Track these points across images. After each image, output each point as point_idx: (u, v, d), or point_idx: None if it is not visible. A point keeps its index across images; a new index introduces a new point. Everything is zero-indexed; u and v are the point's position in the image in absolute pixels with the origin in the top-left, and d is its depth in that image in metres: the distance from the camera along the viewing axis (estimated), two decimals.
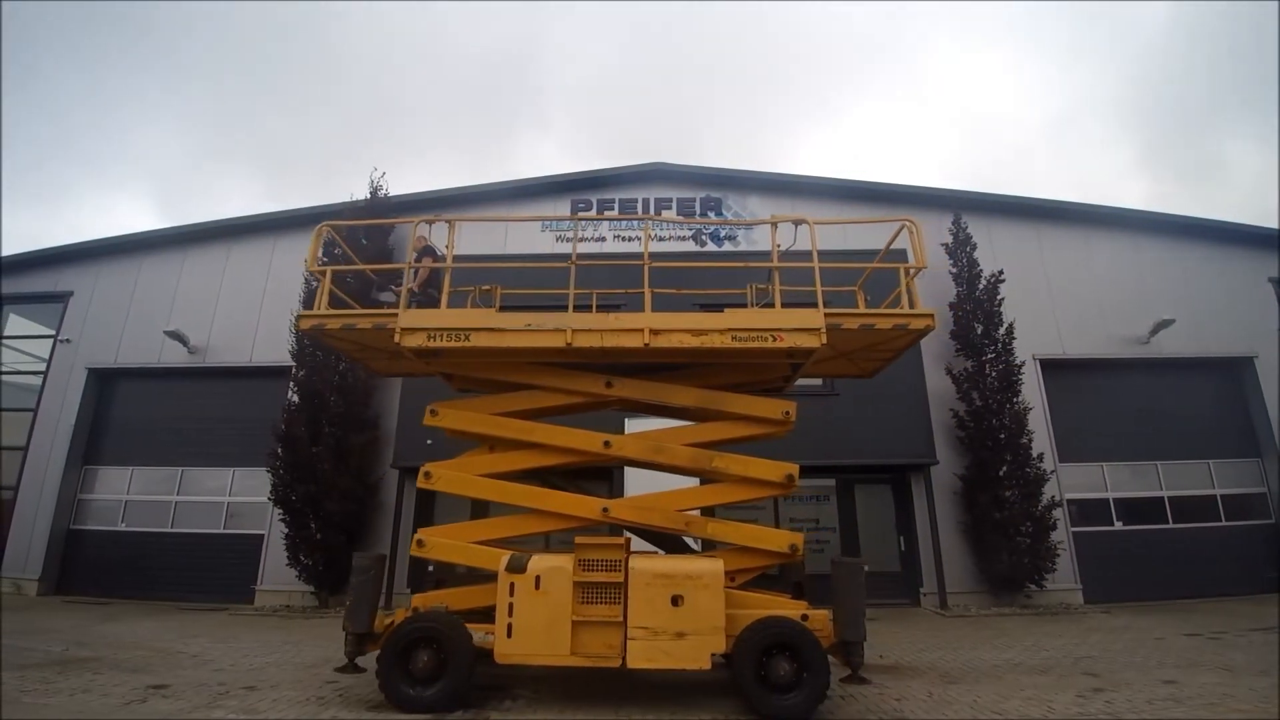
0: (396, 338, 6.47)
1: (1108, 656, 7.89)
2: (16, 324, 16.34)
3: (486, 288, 8.55)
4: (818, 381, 13.18)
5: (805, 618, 5.89)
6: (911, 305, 6.64)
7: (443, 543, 6.64)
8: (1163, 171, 67.07)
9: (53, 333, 15.61)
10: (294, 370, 13.13)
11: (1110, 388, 13.86)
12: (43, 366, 15.38)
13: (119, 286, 15.67)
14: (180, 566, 13.44)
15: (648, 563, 6.00)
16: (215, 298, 15.06)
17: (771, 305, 6.63)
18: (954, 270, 13.65)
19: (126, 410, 15.09)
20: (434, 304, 7.18)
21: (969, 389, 12.74)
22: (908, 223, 6.75)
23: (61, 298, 15.79)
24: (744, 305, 7.81)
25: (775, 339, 6.25)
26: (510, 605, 5.83)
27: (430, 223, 7.80)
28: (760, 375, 7.28)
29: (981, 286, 13.32)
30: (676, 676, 6.53)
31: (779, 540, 6.48)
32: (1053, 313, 13.97)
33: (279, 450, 12.33)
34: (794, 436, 12.39)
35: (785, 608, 6.11)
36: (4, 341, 16.13)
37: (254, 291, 14.79)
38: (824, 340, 6.22)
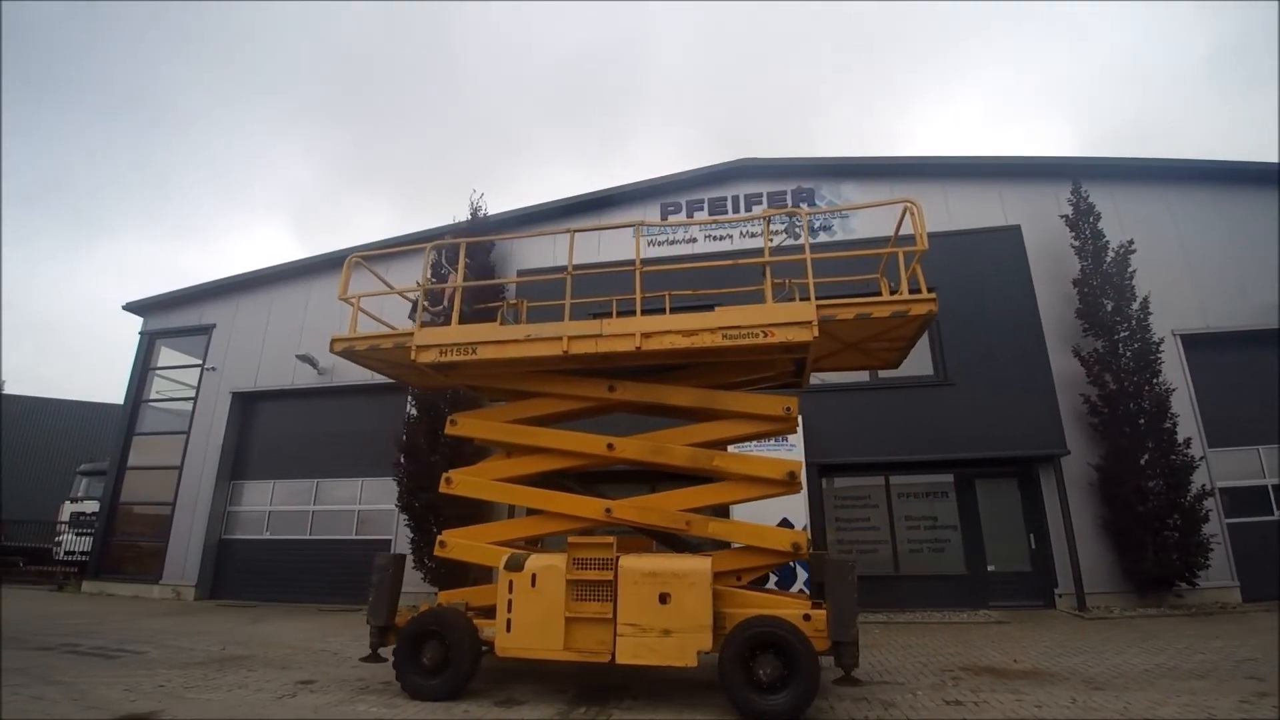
0: (413, 355, 7.00)
1: (1273, 659, 7.12)
2: (168, 356, 18.15)
3: (513, 302, 9.04)
4: (929, 371, 12.67)
5: (808, 618, 5.76)
6: (916, 290, 6.37)
7: (462, 543, 7.11)
8: None
9: (199, 362, 17.20)
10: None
11: (1263, 362, 12.40)
12: (192, 393, 17.00)
13: (255, 316, 17.10)
14: (318, 571, 14.48)
15: (636, 561, 6.09)
16: (339, 322, 16.07)
17: (803, 298, 6.50)
18: (1076, 244, 12.66)
19: (266, 429, 16.46)
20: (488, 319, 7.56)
21: (1100, 371, 11.80)
22: (909, 204, 6.53)
23: (206, 330, 17.41)
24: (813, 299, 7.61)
25: (766, 335, 6.24)
26: (509, 601, 6.11)
27: (442, 246, 8.22)
28: (764, 372, 7.26)
29: (1109, 259, 12.30)
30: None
31: (781, 539, 6.43)
32: (1192, 284, 12.70)
33: (402, 460, 13.05)
34: (906, 429, 12.19)
35: (784, 607, 6.03)
36: (158, 372, 17.98)
37: (373, 313, 15.64)
38: (815, 334, 6.15)
